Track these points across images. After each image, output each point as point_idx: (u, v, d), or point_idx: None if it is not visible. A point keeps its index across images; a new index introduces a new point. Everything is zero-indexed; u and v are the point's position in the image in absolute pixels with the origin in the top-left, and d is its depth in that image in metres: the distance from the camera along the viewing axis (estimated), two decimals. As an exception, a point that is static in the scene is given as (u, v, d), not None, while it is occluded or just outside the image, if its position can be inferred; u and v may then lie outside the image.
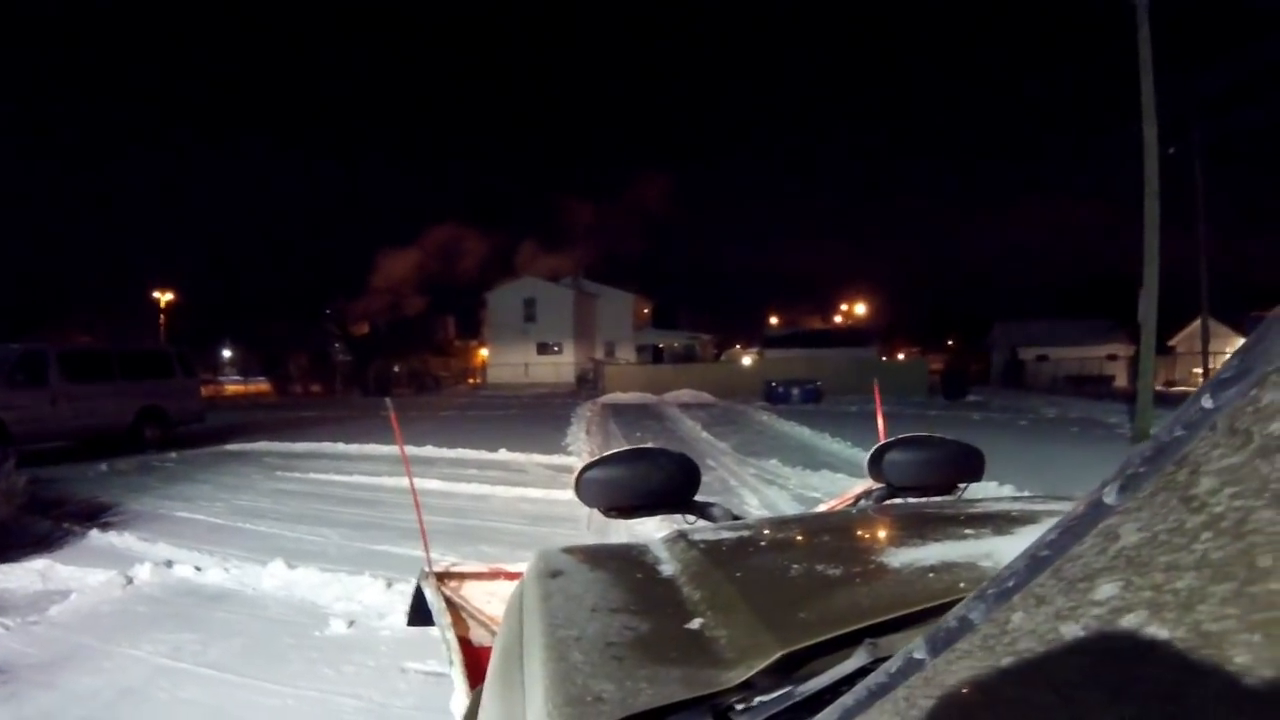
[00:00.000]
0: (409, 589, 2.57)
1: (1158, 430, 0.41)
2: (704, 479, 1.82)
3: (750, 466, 11.60)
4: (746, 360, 46.49)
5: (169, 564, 6.19)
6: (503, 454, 12.88)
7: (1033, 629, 0.42)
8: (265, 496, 9.72)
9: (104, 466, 12.38)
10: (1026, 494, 3.19)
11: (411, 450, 13.32)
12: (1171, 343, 46.91)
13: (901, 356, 55.95)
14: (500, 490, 9.71)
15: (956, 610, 0.47)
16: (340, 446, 14.20)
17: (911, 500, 1.82)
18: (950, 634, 0.46)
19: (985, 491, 4.01)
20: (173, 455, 13.75)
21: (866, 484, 1.97)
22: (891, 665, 0.50)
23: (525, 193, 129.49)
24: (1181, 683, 0.35)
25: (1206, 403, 0.38)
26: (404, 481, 6.23)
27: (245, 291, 48.62)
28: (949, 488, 1.87)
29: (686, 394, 31.73)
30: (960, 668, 0.45)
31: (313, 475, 11.15)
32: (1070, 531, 0.42)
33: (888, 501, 1.83)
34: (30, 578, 6.05)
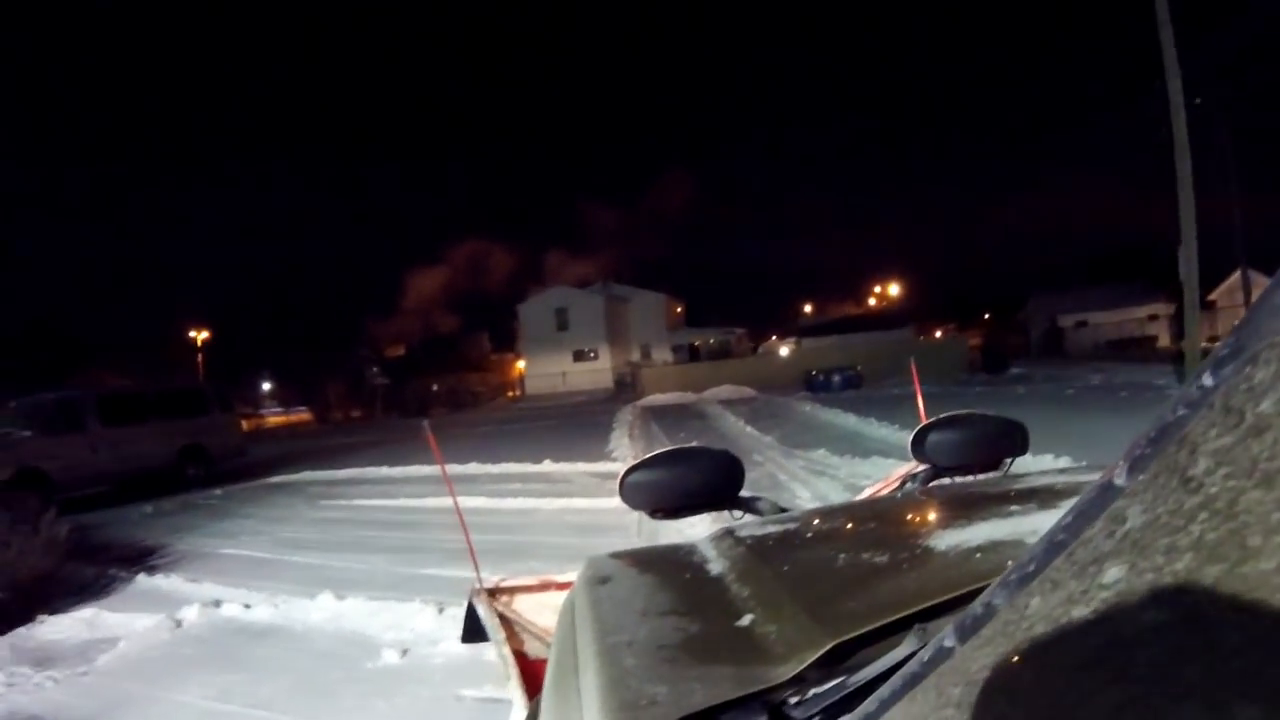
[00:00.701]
0: (461, 612, 2.45)
1: (1162, 410, 0.40)
2: (752, 475, 1.69)
3: (798, 459, 11.26)
4: (783, 351, 46.15)
5: (217, 603, 6.05)
6: (546, 465, 12.68)
7: (1047, 614, 0.42)
8: (310, 526, 9.62)
9: (149, 508, 12.40)
10: (1074, 465, 3.04)
11: (454, 469, 13.20)
12: (1211, 297, 45.76)
13: (939, 335, 55.05)
14: (546, 503, 9.50)
15: (983, 597, 0.47)
16: (383, 470, 14.12)
17: (957, 480, 1.80)
18: (976, 621, 0.46)
19: (1038, 466, 3.84)
20: (217, 492, 13.77)
21: (911, 466, 1.95)
22: (925, 654, 0.50)
23: (549, 202, 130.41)
24: (1177, 664, 0.36)
25: (1207, 380, 0.38)
26: (449, 501, 6.30)
27: (279, 323, 49.11)
28: (994, 464, 1.83)
29: (726, 390, 31.46)
30: (984, 655, 0.45)
31: (356, 501, 11.04)
32: (1083, 515, 0.42)
33: (933, 483, 1.81)
34: (78, 627, 5.95)
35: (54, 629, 5.95)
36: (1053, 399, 16.94)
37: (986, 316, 65.07)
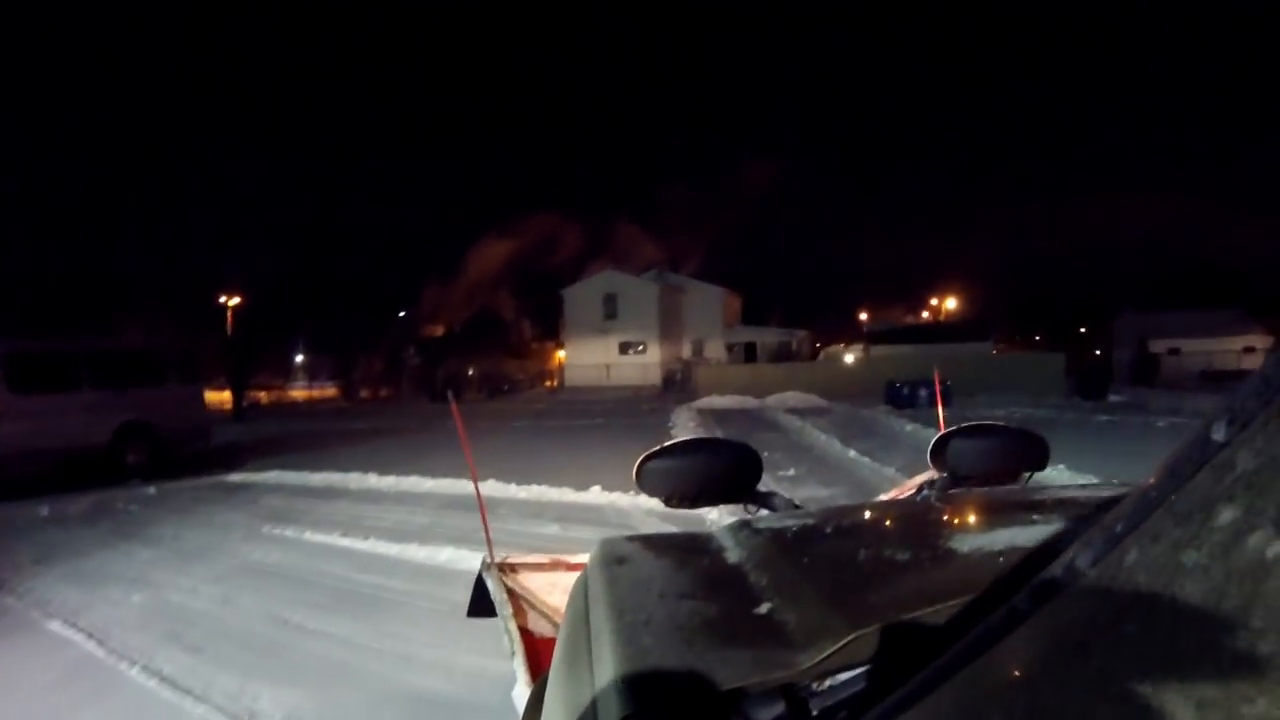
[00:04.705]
0: None
1: (1263, 365, 0.43)
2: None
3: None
4: (849, 358, 42.13)
5: None
6: (595, 494, 8.91)
7: (1150, 564, 0.42)
8: (223, 580, 6.02)
9: (44, 509, 8.95)
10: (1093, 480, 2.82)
11: (468, 488, 9.60)
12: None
13: (1022, 350, 50.45)
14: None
15: (1060, 560, 0.48)
16: (371, 480, 10.43)
17: (975, 489, 1.69)
18: (1055, 584, 0.47)
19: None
20: (150, 491, 10.26)
21: (929, 474, 1.86)
22: (992, 621, 0.50)
23: (607, 185, 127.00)
24: None
25: None
26: (438, 557, 6.20)
27: (320, 294, 46.23)
28: (1012, 477, 1.76)
29: (793, 397, 27.64)
30: (1070, 613, 0.45)
31: (312, 537, 7.34)
32: (1178, 472, 0.43)
33: (950, 491, 1.73)
34: None
35: None
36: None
37: (1081, 331, 59.76)
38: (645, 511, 7.93)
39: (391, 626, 4.84)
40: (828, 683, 0.70)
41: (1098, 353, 48.42)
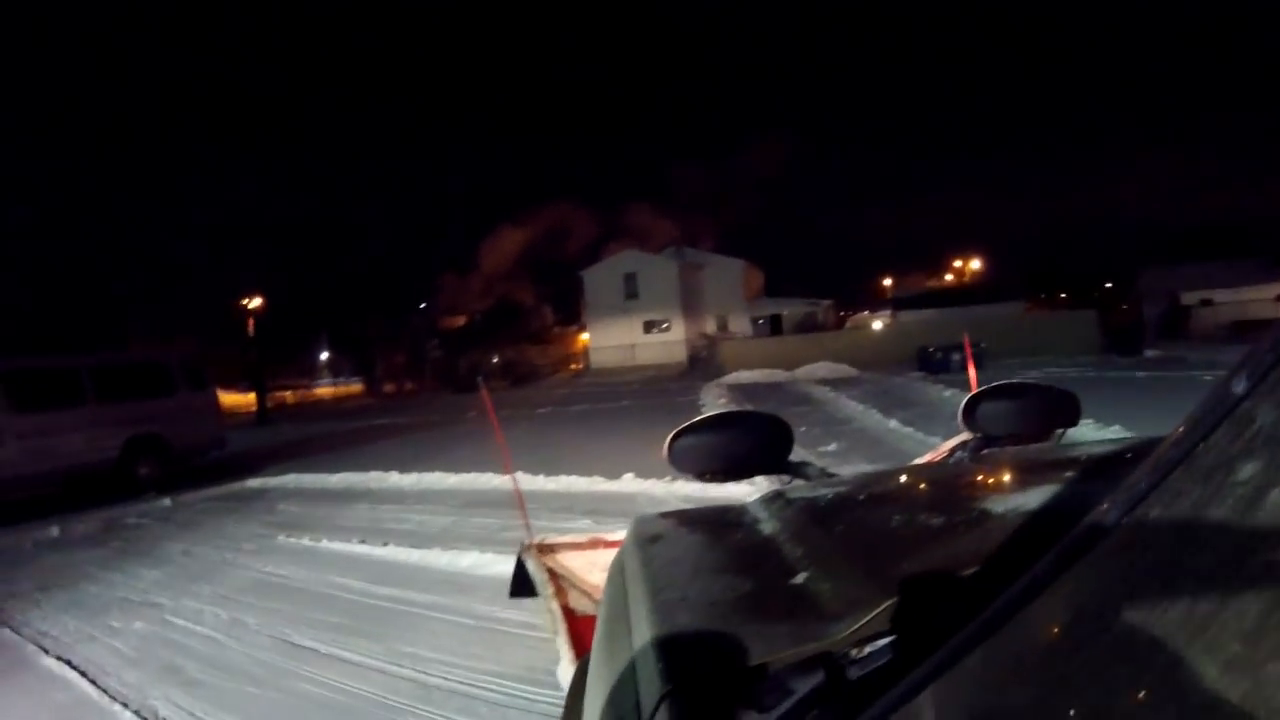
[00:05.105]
0: None
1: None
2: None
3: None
4: (876, 325, 41.27)
5: None
6: (629, 482, 8.35)
7: (1172, 521, 0.42)
8: (230, 600, 5.55)
9: (54, 531, 8.53)
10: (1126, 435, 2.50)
11: (492, 481, 9.11)
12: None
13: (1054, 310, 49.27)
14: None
15: (1086, 521, 0.47)
16: (391, 479, 9.94)
17: (1008, 449, 1.70)
18: (1080, 546, 0.46)
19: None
20: (165, 503, 9.84)
21: (962, 436, 1.84)
22: (1019, 586, 0.49)
23: (621, 165, 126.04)
24: None
25: None
26: (460, 562, 5.83)
27: (340, 291, 46.10)
28: (1045, 435, 1.75)
29: (822, 368, 26.86)
30: (1095, 575, 0.45)
31: (327, 546, 6.87)
32: (1198, 428, 0.43)
33: (984, 452, 1.73)
34: None
35: None
36: None
37: (1107, 287, 58.35)
38: (681, 499, 7.37)
39: (409, 647, 4.32)
40: (867, 650, 0.69)
41: (1125, 308, 47.17)
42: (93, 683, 4.29)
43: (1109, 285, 58.31)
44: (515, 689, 3.64)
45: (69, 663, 4.62)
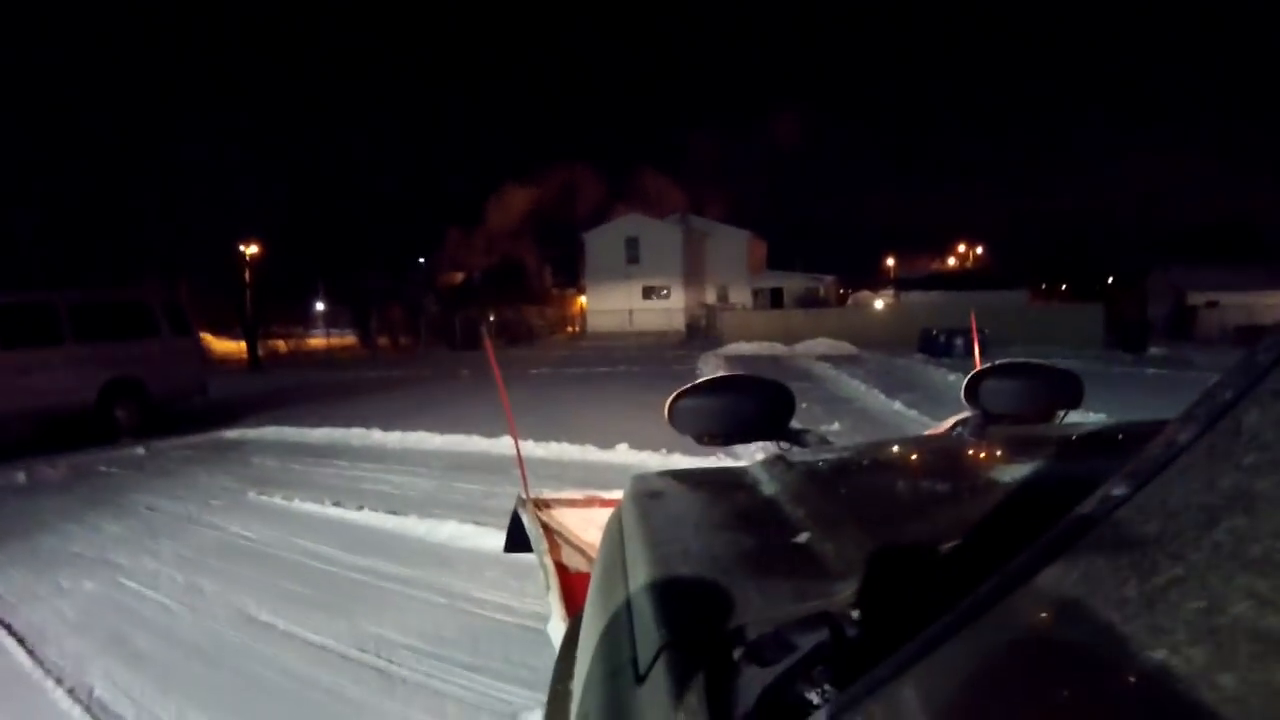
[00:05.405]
0: None
1: None
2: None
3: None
4: (879, 304, 40.79)
5: None
6: (623, 452, 7.96)
7: (1177, 503, 0.42)
8: (191, 562, 5.19)
9: (21, 476, 8.15)
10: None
11: (481, 444, 8.73)
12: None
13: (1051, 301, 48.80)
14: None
15: (1092, 498, 0.47)
16: (374, 436, 9.55)
17: (1008, 428, 1.67)
18: (1087, 521, 0.46)
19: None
20: (139, 450, 9.41)
21: (963, 414, 1.83)
22: (1025, 556, 0.48)
23: (627, 127, 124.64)
24: None
25: None
26: (439, 532, 5.52)
27: (337, 243, 45.23)
28: (1047, 415, 1.74)
29: (823, 344, 26.56)
30: (1100, 550, 0.45)
31: (300, 506, 6.50)
32: (1188, 428, 0.43)
33: (985, 429, 1.71)
34: None
35: None
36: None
37: (1110, 282, 57.70)
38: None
39: (376, 628, 3.97)
40: (870, 610, 0.68)
41: (1131, 304, 46.86)
42: (30, 652, 3.93)
43: (1110, 281, 57.72)
44: (489, 686, 3.28)
45: (9, 627, 4.26)
